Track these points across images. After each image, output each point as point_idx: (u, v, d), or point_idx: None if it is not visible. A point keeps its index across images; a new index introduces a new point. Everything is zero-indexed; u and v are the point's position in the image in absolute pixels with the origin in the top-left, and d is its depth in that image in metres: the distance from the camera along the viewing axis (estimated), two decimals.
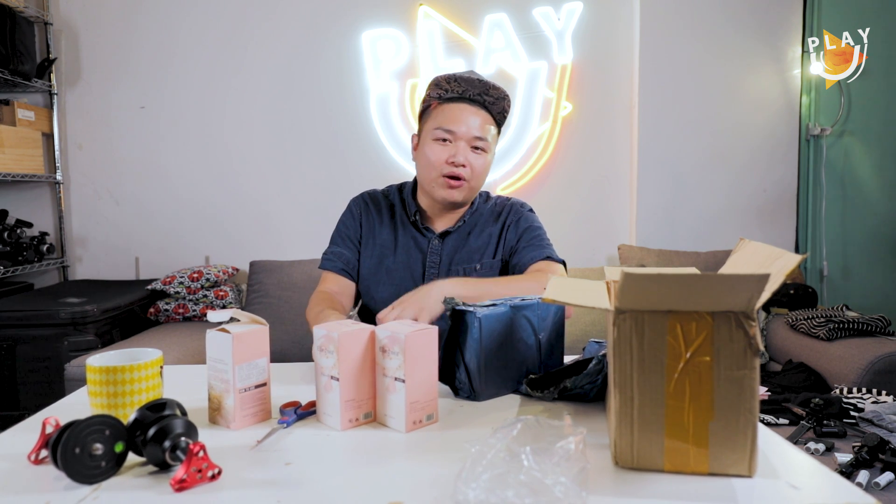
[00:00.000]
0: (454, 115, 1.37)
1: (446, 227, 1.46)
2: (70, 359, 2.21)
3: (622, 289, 0.70)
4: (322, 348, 0.90)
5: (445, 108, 1.38)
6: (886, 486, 1.52)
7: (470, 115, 1.37)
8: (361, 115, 3.07)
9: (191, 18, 3.04)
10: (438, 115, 1.39)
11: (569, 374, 1.03)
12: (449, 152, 1.37)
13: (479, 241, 1.46)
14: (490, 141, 1.40)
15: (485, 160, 1.41)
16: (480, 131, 1.37)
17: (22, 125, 2.84)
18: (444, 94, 1.39)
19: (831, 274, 3.13)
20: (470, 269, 1.44)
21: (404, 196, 1.50)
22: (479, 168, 1.39)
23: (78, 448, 0.70)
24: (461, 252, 1.44)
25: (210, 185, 3.11)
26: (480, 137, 1.37)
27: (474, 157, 1.38)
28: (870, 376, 2.12)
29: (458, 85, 1.37)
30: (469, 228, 1.47)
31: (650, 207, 3.07)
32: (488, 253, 1.45)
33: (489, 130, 1.40)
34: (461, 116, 1.36)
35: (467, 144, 1.37)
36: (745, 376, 0.71)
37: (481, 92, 1.37)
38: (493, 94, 1.38)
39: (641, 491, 0.70)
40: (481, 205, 1.51)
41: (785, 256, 0.77)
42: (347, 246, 1.48)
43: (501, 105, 1.40)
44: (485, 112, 1.39)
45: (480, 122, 1.37)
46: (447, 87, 1.38)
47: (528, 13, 3.01)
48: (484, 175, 1.43)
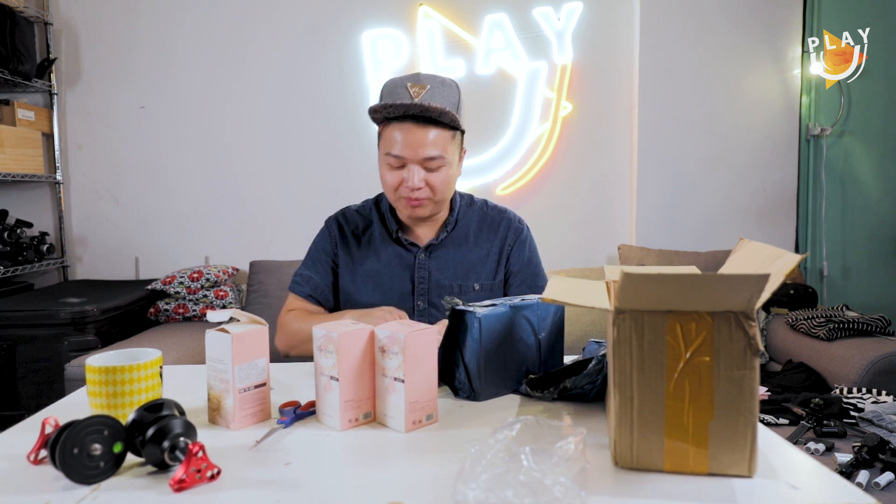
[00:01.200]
0: (402, 137, 1.27)
1: (429, 238, 1.42)
2: (70, 359, 2.21)
3: (622, 289, 0.70)
4: (321, 348, 0.90)
5: (393, 128, 1.29)
6: (886, 486, 1.51)
7: (417, 135, 1.27)
8: (361, 115, 3.07)
9: (191, 19, 3.04)
10: (386, 137, 1.31)
11: (569, 374, 1.03)
12: (402, 176, 1.30)
13: (473, 255, 1.41)
14: (446, 155, 1.30)
15: (445, 174, 1.31)
16: (432, 149, 1.28)
17: (22, 125, 2.84)
18: (388, 115, 1.29)
19: (831, 274, 3.12)
20: (467, 287, 1.39)
21: (382, 211, 1.45)
22: (438, 183, 1.31)
23: (76, 448, 0.70)
24: (453, 267, 1.40)
25: (210, 185, 3.11)
26: (431, 157, 1.28)
27: (431, 176, 1.30)
28: (870, 376, 2.12)
29: (394, 110, 1.26)
30: (457, 239, 1.42)
31: (650, 207, 3.07)
32: (486, 273, 1.41)
33: (444, 144, 1.29)
34: (407, 139, 1.27)
35: (420, 166, 1.29)
36: (744, 376, 0.70)
37: (421, 111, 1.25)
38: (433, 111, 1.24)
39: (641, 491, 0.70)
40: (464, 210, 1.45)
41: (785, 256, 0.77)
42: (317, 270, 1.43)
43: (449, 116, 1.26)
44: (434, 126, 1.28)
45: (431, 138, 1.27)
46: (385, 113, 1.28)
47: (528, 13, 3.01)
48: (447, 187, 1.34)
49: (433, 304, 1.39)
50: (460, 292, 1.39)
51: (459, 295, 1.39)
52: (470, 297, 1.39)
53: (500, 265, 1.43)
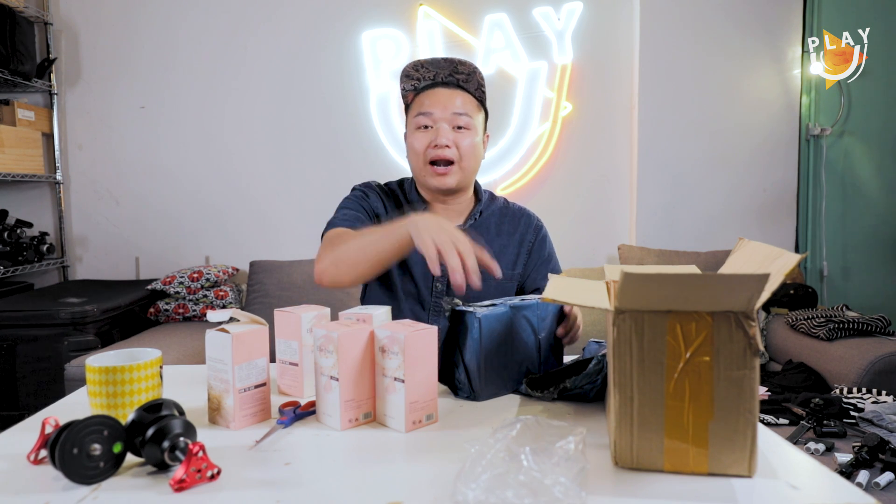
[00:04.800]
0: (431, 99, 1.36)
1: (455, 224, 1.42)
2: (70, 359, 2.21)
3: (622, 289, 0.70)
4: (322, 348, 0.90)
5: (422, 95, 1.39)
6: (886, 486, 1.51)
7: (446, 96, 1.36)
8: (361, 115, 3.07)
9: (191, 18, 3.05)
10: (416, 104, 1.39)
11: (569, 374, 1.03)
12: (430, 137, 1.35)
13: (495, 245, 1.43)
14: (473, 119, 1.37)
15: (471, 140, 1.36)
16: (461, 108, 1.35)
17: (22, 125, 2.84)
18: (417, 85, 1.40)
19: (831, 274, 3.12)
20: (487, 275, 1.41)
21: (406, 190, 1.48)
22: (466, 147, 1.35)
23: (76, 448, 0.70)
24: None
25: (210, 184, 3.11)
26: (461, 113, 1.35)
27: (459, 137, 1.35)
28: (870, 376, 2.12)
29: (427, 70, 1.38)
30: (481, 229, 1.44)
31: (650, 207, 3.07)
32: (505, 262, 1.43)
33: (471, 107, 1.37)
34: (438, 99, 1.36)
35: (449, 124, 1.34)
36: (744, 376, 0.70)
37: (451, 72, 1.37)
38: (462, 69, 1.37)
39: (641, 491, 0.70)
40: (488, 203, 1.48)
41: (784, 256, 0.77)
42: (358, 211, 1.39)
43: (475, 79, 1.38)
44: (461, 91, 1.37)
45: (460, 101, 1.36)
46: (417, 76, 1.39)
47: (528, 13, 3.01)
48: (474, 156, 1.37)
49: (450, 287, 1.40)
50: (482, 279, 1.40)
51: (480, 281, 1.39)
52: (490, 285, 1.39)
53: (520, 258, 1.46)
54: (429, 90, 1.38)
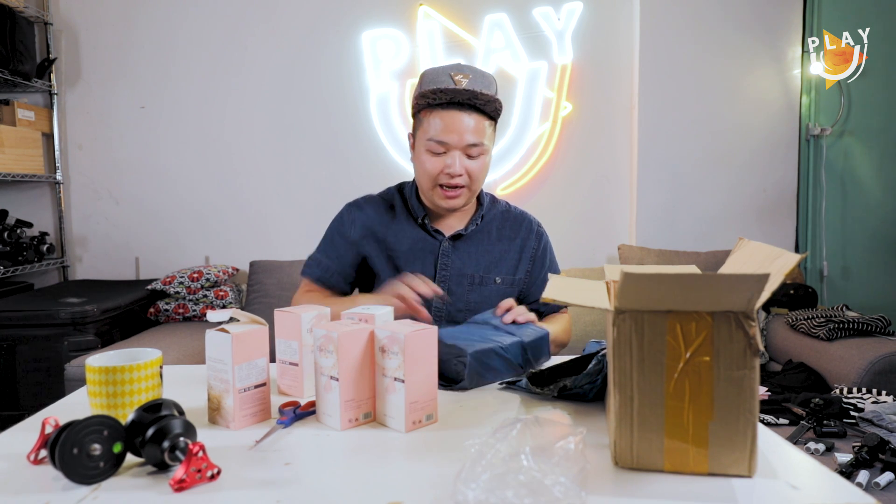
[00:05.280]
0: (445, 124, 1.32)
1: (456, 229, 1.44)
2: (70, 359, 2.21)
3: (622, 289, 0.70)
4: (322, 348, 0.90)
5: (436, 115, 1.33)
6: (886, 486, 1.51)
7: (461, 121, 1.31)
8: (361, 115, 3.07)
9: (191, 18, 3.04)
10: (429, 124, 1.34)
11: (569, 373, 1.03)
12: (444, 163, 1.33)
13: (495, 250, 1.44)
14: (486, 142, 1.35)
15: (482, 162, 1.37)
16: (474, 136, 1.32)
17: (22, 125, 2.84)
18: (432, 102, 1.34)
19: (831, 274, 3.12)
20: (489, 280, 1.42)
21: (406, 196, 1.47)
22: (476, 172, 1.36)
23: (76, 448, 0.70)
24: (476, 258, 1.42)
25: (210, 184, 3.11)
26: (475, 144, 1.33)
27: (471, 163, 1.34)
28: (870, 376, 2.12)
29: (444, 95, 1.31)
30: (482, 233, 1.44)
31: (650, 207, 3.07)
32: (506, 267, 1.43)
33: (484, 132, 1.34)
34: (452, 125, 1.31)
35: (462, 153, 1.33)
36: (744, 376, 0.70)
37: (469, 98, 1.31)
38: (482, 98, 1.31)
39: (641, 491, 0.70)
40: (489, 207, 1.49)
41: (784, 256, 0.77)
42: (329, 254, 1.46)
43: (493, 105, 1.34)
44: (477, 114, 1.33)
45: (474, 125, 1.32)
46: (433, 98, 1.32)
47: (528, 13, 3.01)
48: (483, 176, 1.40)
49: (450, 292, 1.41)
50: (482, 283, 1.42)
51: (480, 286, 1.41)
52: (490, 290, 1.42)
53: (522, 263, 1.46)
54: (444, 110, 1.33)
